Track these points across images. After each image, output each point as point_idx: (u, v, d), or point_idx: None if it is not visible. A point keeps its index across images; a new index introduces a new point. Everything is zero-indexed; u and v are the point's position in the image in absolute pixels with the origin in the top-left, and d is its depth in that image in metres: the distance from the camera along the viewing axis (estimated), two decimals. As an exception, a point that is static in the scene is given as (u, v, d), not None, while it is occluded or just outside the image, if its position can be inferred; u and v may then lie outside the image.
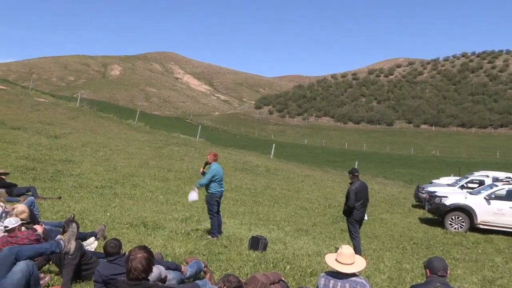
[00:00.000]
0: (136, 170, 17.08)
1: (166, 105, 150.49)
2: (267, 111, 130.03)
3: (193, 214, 11.46)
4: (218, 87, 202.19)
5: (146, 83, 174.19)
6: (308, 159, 43.16)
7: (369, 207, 12.47)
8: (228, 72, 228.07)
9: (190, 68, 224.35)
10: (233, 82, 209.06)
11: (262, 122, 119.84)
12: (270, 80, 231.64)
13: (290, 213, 14.02)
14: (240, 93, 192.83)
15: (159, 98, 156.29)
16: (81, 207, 10.21)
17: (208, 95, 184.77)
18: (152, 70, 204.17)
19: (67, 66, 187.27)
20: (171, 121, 73.64)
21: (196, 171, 19.20)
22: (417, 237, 12.35)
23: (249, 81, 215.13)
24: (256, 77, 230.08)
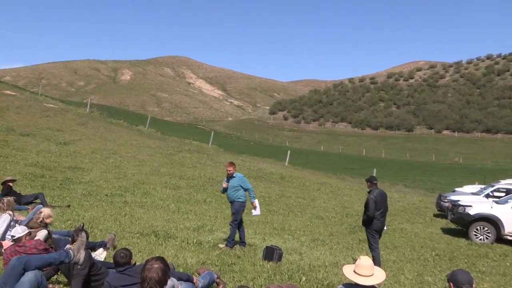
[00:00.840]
0: (147, 177, 17.16)
1: (178, 110, 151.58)
2: (282, 117, 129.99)
3: (205, 223, 11.46)
4: (232, 92, 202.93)
5: (157, 88, 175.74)
6: (325, 166, 42.92)
7: (388, 216, 12.31)
8: (242, 77, 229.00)
9: (203, 72, 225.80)
10: (247, 87, 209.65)
11: (277, 128, 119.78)
12: (285, 84, 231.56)
13: (306, 222, 13.93)
14: (254, 98, 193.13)
15: (170, 104, 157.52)
16: (90, 215, 10.27)
17: (221, 100, 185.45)
18: (163, 74, 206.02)
19: (77, 71, 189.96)
20: (183, 127, 74.05)
21: (209, 178, 19.27)
22: (440, 248, 12.18)
23: (263, 85, 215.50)
24: (270, 82, 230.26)
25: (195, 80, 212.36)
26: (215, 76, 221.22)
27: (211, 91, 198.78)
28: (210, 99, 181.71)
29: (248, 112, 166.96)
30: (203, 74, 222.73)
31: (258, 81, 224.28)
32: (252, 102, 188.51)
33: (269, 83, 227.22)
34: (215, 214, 13.05)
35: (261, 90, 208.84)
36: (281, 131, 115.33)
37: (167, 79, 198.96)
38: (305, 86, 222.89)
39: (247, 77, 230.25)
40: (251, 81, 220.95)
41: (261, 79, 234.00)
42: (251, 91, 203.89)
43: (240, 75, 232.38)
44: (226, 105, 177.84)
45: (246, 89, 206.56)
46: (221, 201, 15.15)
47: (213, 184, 18.17)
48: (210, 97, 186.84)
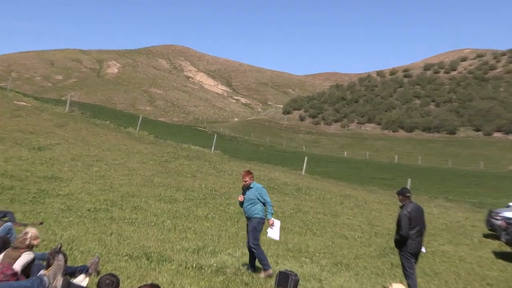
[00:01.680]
0: (138, 189, 17.25)
1: (175, 109, 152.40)
2: (298, 117, 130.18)
3: (207, 244, 11.49)
4: (238, 87, 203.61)
5: (150, 83, 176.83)
6: (349, 175, 42.84)
7: (426, 236, 12.22)
8: (250, 70, 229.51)
9: (204, 65, 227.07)
10: (256, 81, 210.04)
11: (292, 130, 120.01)
12: (301, 79, 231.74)
13: (327, 242, 13.93)
14: (264, 95, 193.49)
15: (166, 102, 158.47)
16: (69, 235, 10.30)
17: (225, 98, 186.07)
18: (157, 67, 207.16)
19: (54, 63, 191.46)
20: (180, 129, 74.35)
21: (211, 190, 19.34)
22: (492, 276, 12.07)
23: (276, 80, 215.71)
24: (284, 76, 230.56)
25: (194, 74, 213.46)
26: (218, 69, 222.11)
27: (213, 86, 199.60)
28: (212, 96, 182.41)
29: (257, 111, 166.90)
30: (204, 66, 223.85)
31: (270, 75, 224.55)
32: (262, 100, 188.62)
33: (282, 77, 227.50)
34: (218, 233, 13.07)
35: (273, 85, 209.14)
36: (296, 134, 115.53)
37: (162, 73, 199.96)
38: (325, 80, 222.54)
39: (256, 70, 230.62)
40: (261, 75, 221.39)
41: (273, 72, 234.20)
42: (261, 87, 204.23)
43: (248, 68, 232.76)
44: (232, 103, 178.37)
45: (255, 84, 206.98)
46: (225, 217, 15.19)
47: (216, 196, 18.22)
48: (213, 93, 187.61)
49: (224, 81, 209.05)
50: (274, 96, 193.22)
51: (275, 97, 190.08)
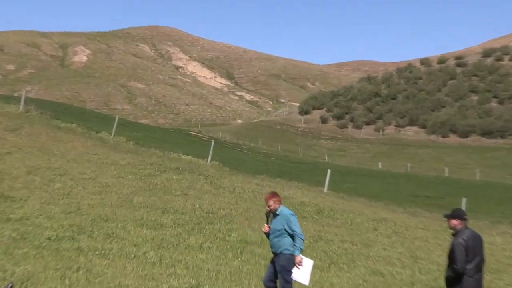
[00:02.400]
0: (113, 211, 17.23)
1: (161, 109, 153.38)
2: (319, 118, 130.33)
3: (202, 282, 11.49)
4: (242, 80, 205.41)
5: (129, 75, 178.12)
6: (384, 193, 42.70)
7: (487, 273, 12.12)
8: (257, 58, 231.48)
9: (198, 51, 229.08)
10: (265, 72, 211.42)
11: (311, 135, 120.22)
12: (322, 69, 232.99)
13: (357, 280, 13.90)
14: (275, 90, 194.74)
15: (149, 99, 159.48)
16: (23, 271, 10.25)
17: (225, 94, 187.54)
18: (138, 54, 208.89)
19: (4, 48, 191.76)
20: (168, 134, 74.51)
21: (208, 212, 19.31)
22: None
23: (290, 71, 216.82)
24: (300, 65, 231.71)
25: (186, 63, 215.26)
26: (216, 57, 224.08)
27: (210, 79, 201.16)
28: (209, 91, 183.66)
29: (266, 111, 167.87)
30: (199, 53, 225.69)
31: (282, 64, 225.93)
32: (273, 96, 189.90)
33: (299, 67, 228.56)
34: (216, 268, 13.01)
35: (287, 77, 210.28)
36: (317, 140, 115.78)
37: (144, 62, 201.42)
38: (354, 71, 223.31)
39: (265, 58, 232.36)
40: (271, 65, 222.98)
41: (287, 61, 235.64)
42: (271, 79, 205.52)
43: (255, 56, 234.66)
44: (234, 101, 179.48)
45: (264, 76, 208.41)
46: (226, 247, 15.12)
47: (213, 220, 18.18)
48: (209, 88, 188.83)
49: (223, 73, 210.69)
50: (288, 91, 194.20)
51: (289, 93, 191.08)
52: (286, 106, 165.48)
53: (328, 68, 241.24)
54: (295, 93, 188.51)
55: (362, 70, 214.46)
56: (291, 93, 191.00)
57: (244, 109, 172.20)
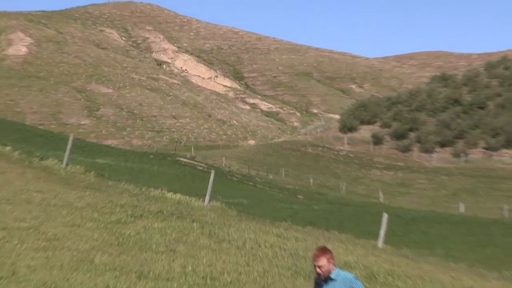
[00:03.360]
0: (64, 276, 17.10)
1: (136, 124, 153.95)
2: (370, 138, 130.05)
3: None
4: (255, 81, 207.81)
5: (88, 75, 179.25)
6: (469, 249, 42.52)
7: None
8: (279, 48, 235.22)
9: (191, 39, 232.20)
10: (290, 70, 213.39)
11: (358, 162, 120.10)
12: (375, 64, 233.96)
13: None
14: (305, 96, 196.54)
15: (119, 109, 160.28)
16: None
17: (231, 101, 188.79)
18: (102, 44, 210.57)
19: None
20: (147, 162, 74.70)
21: (204, 277, 19.12)
22: None
23: (326, 67, 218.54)
24: (342, 59, 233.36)
25: (173, 57, 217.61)
26: (218, 48, 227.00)
27: (209, 80, 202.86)
28: (207, 98, 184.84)
29: (291, 126, 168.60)
30: (192, 42, 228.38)
31: (315, 58, 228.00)
32: (302, 105, 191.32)
33: (339, 61, 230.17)
34: None
35: (322, 76, 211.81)
36: (367, 170, 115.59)
37: (111, 55, 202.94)
38: (421, 66, 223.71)
39: (290, 49, 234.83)
40: (299, 58, 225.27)
41: (321, 52, 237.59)
42: (299, 80, 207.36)
43: (274, 45, 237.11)
44: (244, 112, 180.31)
45: (287, 75, 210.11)
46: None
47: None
48: (208, 93, 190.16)
49: (228, 71, 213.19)
50: (323, 97, 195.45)
51: (325, 100, 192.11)
52: (321, 119, 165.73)
53: (382, 62, 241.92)
54: (334, 100, 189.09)
55: (433, 66, 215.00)
56: (328, 100, 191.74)
57: (259, 123, 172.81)
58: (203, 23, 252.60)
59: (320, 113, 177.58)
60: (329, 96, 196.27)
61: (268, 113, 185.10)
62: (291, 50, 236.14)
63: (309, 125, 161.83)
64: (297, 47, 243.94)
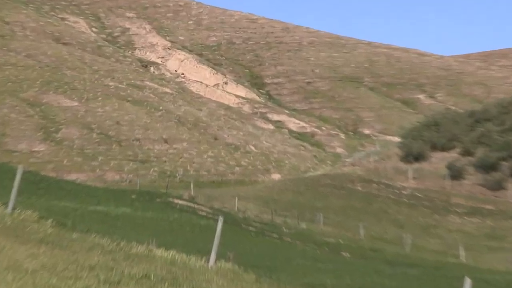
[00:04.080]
0: None
1: (111, 150, 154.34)
2: (445, 169, 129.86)
3: None
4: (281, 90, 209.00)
5: (45, 82, 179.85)
6: None
7: None
8: (313, 44, 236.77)
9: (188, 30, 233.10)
10: (330, 73, 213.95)
11: (429, 204, 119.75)
12: (452, 65, 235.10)
13: None
14: (352, 110, 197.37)
15: (87, 130, 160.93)
16: None
17: (245, 117, 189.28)
18: (64, 37, 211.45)
19: None
20: (126, 203, 74.79)
21: None
22: None
23: (381, 70, 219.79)
24: (405, 58, 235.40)
25: (164, 54, 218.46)
26: (228, 43, 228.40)
27: (214, 88, 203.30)
28: (211, 113, 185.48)
29: (333, 153, 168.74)
30: (191, 34, 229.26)
31: (366, 56, 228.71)
32: (348, 122, 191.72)
33: (402, 61, 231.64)
34: None
35: (375, 82, 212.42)
36: (442, 216, 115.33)
37: (77, 53, 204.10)
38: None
39: (329, 43, 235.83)
40: (343, 57, 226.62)
41: (375, 48, 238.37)
42: (341, 88, 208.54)
43: (308, 37, 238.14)
44: (265, 132, 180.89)
45: (325, 80, 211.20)
46: None
47: None
48: (213, 106, 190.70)
49: (242, 74, 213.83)
50: (378, 112, 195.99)
51: (380, 115, 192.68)
52: (375, 143, 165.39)
53: (463, 62, 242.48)
54: (394, 116, 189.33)
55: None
56: (386, 116, 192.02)
57: (287, 150, 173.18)
58: (207, 7, 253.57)
59: (374, 135, 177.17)
60: (386, 110, 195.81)
61: (299, 135, 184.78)
62: (332, 45, 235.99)
63: (358, 151, 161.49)
64: (341, 40, 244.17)
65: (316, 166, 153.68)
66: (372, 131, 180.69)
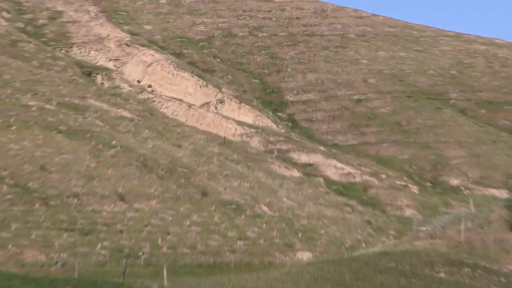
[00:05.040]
0: None
1: (32, 211, 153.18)
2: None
3: None
4: (309, 112, 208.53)
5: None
6: None
7: None
8: (366, 36, 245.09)
9: (159, 14, 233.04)
10: (394, 84, 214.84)
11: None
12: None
13: None
14: (429, 147, 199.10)
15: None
16: None
17: (252, 157, 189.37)
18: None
19: None
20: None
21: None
22: None
23: (476, 78, 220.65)
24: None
25: (120, 54, 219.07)
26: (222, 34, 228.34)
27: (202, 108, 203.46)
28: (196, 151, 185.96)
29: (396, 216, 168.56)
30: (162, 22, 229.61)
31: (452, 58, 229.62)
32: (419, 167, 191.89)
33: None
34: None
35: (469, 97, 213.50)
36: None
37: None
38: None
39: (395, 37, 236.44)
40: (418, 57, 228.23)
41: (471, 45, 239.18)
42: (412, 110, 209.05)
43: (360, 25, 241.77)
44: (285, 182, 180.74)
45: (387, 98, 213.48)
46: None
47: None
48: (199, 138, 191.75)
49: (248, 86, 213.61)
50: (472, 148, 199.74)
51: (475, 154, 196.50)
52: (469, 200, 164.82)
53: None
54: (499, 156, 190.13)
55: None
56: (486, 156, 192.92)
57: (323, 211, 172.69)
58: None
59: (465, 187, 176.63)
60: (486, 147, 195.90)
61: (343, 188, 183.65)
62: (397, 39, 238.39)
63: (440, 215, 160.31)
64: (412, 31, 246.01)
65: (371, 239, 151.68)
66: (463, 181, 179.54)
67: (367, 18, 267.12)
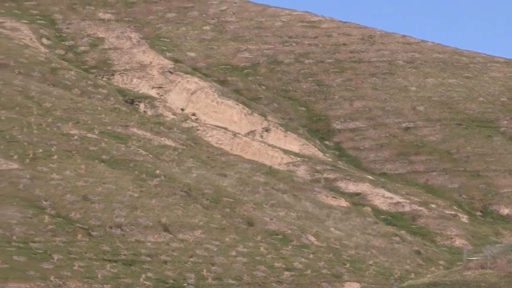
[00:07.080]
0: None
1: (77, 245, 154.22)
2: None
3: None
4: (358, 141, 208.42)
5: None
6: None
7: None
8: (414, 62, 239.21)
9: (203, 38, 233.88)
10: (443, 111, 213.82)
11: None
12: None
13: None
14: (480, 175, 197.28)
15: (33, 209, 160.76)
16: None
17: (299, 186, 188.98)
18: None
19: None
20: None
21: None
22: None
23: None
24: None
25: (164, 82, 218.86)
26: (267, 60, 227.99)
27: (248, 137, 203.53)
28: (242, 180, 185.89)
29: (446, 246, 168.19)
30: (206, 45, 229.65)
31: (503, 85, 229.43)
32: (470, 196, 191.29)
33: None
34: None
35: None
36: None
37: (16, 82, 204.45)
38: None
39: (444, 63, 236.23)
40: (468, 84, 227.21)
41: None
42: (463, 138, 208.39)
43: (409, 51, 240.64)
44: (332, 212, 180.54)
45: (436, 126, 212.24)
46: None
47: None
48: (245, 167, 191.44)
49: (295, 114, 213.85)
50: None
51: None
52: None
53: None
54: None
55: None
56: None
57: (371, 241, 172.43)
58: (235, 1, 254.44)
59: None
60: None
61: (392, 217, 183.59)
62: (446, 65, 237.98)
63: (491, 245, 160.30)
64: (461, 57, 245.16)
65: (420, 270, 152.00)
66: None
67: (415, 44, 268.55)
